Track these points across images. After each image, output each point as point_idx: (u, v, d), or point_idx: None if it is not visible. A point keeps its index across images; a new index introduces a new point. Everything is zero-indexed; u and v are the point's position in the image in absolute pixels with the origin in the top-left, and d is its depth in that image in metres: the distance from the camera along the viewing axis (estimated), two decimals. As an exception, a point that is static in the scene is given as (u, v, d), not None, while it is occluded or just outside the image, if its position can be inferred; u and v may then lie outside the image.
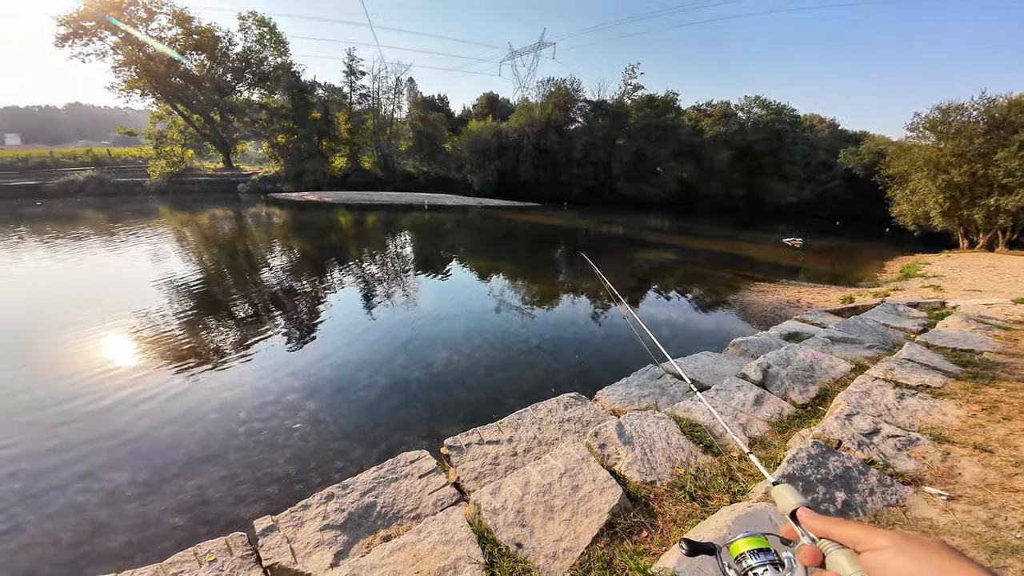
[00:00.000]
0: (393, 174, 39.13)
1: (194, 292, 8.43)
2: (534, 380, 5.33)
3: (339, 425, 4.30)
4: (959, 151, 19.38)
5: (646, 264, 14.16)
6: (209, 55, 31.42)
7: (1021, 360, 3.87)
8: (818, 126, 51.50)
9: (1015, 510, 1.90)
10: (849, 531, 0.47)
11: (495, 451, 2.77)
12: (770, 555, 0.66)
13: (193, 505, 3.21)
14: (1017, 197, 17.80)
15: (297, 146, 34.85)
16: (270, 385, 4.99)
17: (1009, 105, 18.76)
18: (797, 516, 0.60)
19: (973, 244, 21.73)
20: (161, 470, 3.58)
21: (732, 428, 2.80)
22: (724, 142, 43.91)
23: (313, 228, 19.00)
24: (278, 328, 6.79)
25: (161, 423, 4.23)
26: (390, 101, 41.75)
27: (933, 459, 2.32)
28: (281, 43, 34.45)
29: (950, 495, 2.04)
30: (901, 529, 0.38)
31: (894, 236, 28.20)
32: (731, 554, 0.68)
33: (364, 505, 2.31)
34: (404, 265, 12.37)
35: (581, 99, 41.99)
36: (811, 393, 3.37)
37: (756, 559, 0.66)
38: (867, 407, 2.85)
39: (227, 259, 11.76)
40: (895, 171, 23.65)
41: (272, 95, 35.81)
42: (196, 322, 6.86)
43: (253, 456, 3.78)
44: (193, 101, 31.67)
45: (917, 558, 0.38)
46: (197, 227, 17.52)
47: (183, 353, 5.71)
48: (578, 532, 1.89)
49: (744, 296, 10.05)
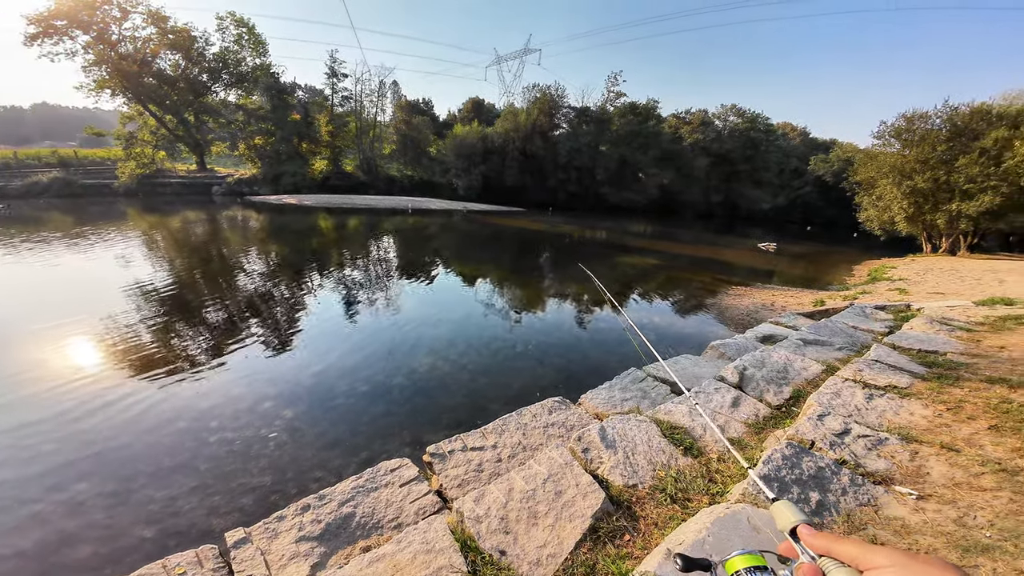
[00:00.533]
0: (376, 177, 38.73)
1: (165, 298, 8.13)
2: (520, 385, 5.31)
3: (317, 434, 4.18)
4: (923, 158, 20.36)
5: (630, 269, 14.37)
6: (184, 55, 30.62)
7: (983, 361, 4.07)
8: (790, 134, 53.46)
9: (983, 509, 1.95)
10: (850, 549, 0.47)
11: (479, 458, 2.76)
12: (766, 574, 0.64)
13: (162, 516, 3.09)
14: (977, 202, 18.77)
15: (275, 148, 34.19)
16: (244, 393, 4.83)
17: (971, 113, 19.82)
18: (797, 533, 0.59)
19: (936, 248, 22.84)
20: (128, 481, 3.44)
21: (710, 430, 2.86)
22: (702, 149, 45.19)
23: (292, 232, 18.60)
24: (254, 335, 6.61)
25: (128, 433, 4.05)
26: (373, 104, 41.50)
27: (902, 458, 2.40)
28: (260, 44, 33.91)
29: (920, 494, 2.09)
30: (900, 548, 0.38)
31: (862, 241, 29.42)
32: (726, 572, 0.67)
33: (342, 515, 2.26)
34: (387, 270, 12.22)
35: (565, 105, 42.64)
36: (785, 394, 3.47)
37: None
38: (838, 408, 2.96)
39: (200, 263, 11.38)
40: (862, 178, 24.71)
41: (250, 96, 35.15)
42: (166, 329, 6.61)
43: (226, 466, 3.64)
44: (166, 101, 30.78)
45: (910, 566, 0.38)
46: (168, 230, 16.93)
47: (151, 361, 5.49)
48: (562, 538, 1.90)
49: (722, 300, 10.30)
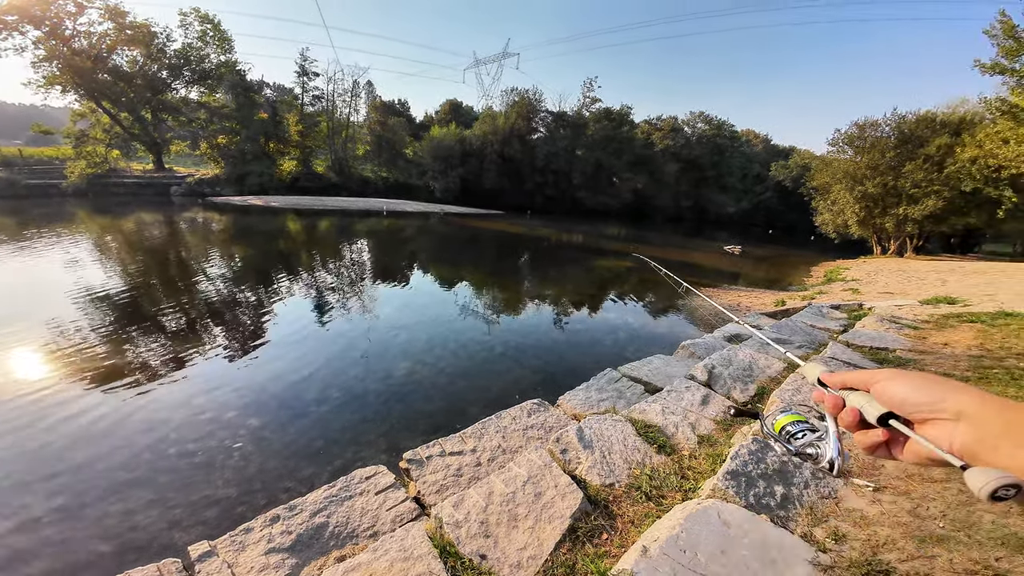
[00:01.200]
0: (349, 179, 37.89)
1: (117, 305, 7.66)
2: (499, 388, 5.31)
3: (286, 443, 4.04)
4: (873, 164, 21.72)
5: (605, 272, 14.65)
6: (144, 51, 29.11)
7: (929, 357, 4.38)
8: (753, 141, 55.96)
9: (935, 500, 2.07)
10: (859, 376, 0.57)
11: (458, 462, 2.74)
12: (806, 424, 0.79)
13: (120, 531, 2.94)
14: (922, 206, 20.15)
15: (240, 147, 32.90)
16: (206, 403, 4.61)
17: (916, 121, 21.28)
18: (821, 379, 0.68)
19: (885, 250, 24.42)
20: (80, 495, 3.25)
21: (682, 427, 2.96)
22: (673, 155, 46.68)
23: (258, 234, 17.92)
24: (215, 343, 6.32)
25: (79, 447, 3.80)
26: (346, 104, 40.66)
27: (858, 452, 2.54)
28: (226, 40, 32.69)
29: (876, 486, 2.20)
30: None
31: (818, 243, 31.07)
32: (774, 428, 0.83)
33: (315, 526, 2.20)
34: (361, 273, 11.96)
35: (543, 109, 43.18)
36: (751, 392, 3.63)
37: (795, 427, 0.79)
38: (798, 403, 3.12)
39: (157, 267, 10.79)
40: (818, 183, 26.16)
41: (213, 94, 33.72)
42: (119, 338, 6.22)
43: (187, 478, 3.48)
44: (122, 99, 29.17)
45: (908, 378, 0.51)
46: (122, 233, 15.97)
47: (103, 372, 5.16)
48: (542, 539, 1.91)
49: (691, 300, 10.64)
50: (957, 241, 25.89)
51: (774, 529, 1.85)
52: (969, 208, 20.24)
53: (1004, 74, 12.28)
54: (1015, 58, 11.78)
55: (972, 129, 18.90)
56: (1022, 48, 11.45)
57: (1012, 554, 1.68)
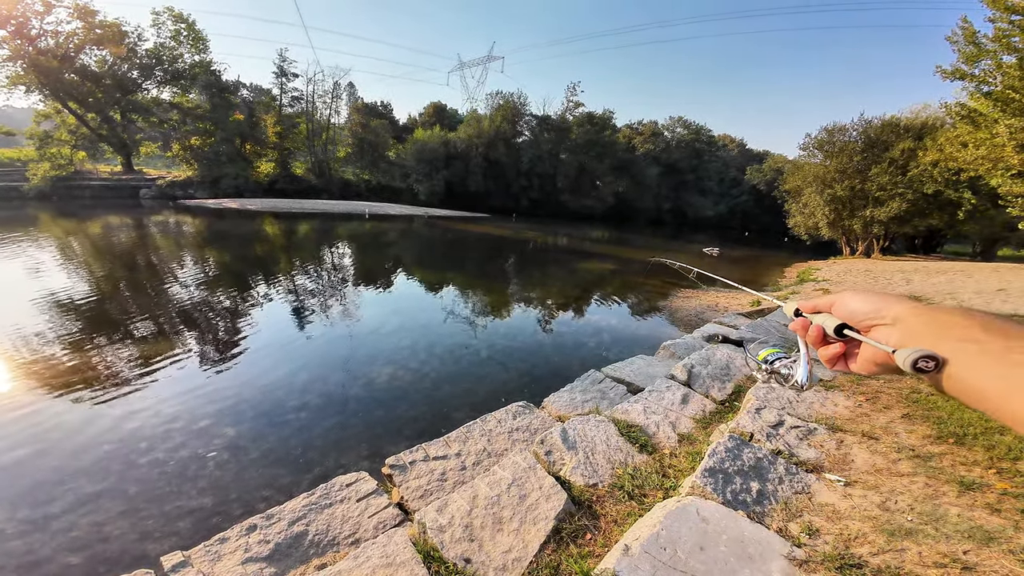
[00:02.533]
0: (329, 181, 37.29)
1: (83, 311, 7.34)
2: (485, 391, 5.29)
3: (264, 451, 3.94)
4: (841, 168, 22.53)
5: (588, 274, 14.78)
6: (113, 51, 28.11)
7: (893, 353, 4.57)
8: (729, 145, 57.56)
9: (902, 493, 2.14)
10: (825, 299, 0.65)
11: (442, 467, 2.72)
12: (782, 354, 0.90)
13: (90, 543, 2.84)
14: (887, 208, 20.97)
15: (215, 149, 32.07)
16: (178, 412, 4.46)
17: (882, 126, 22.14)
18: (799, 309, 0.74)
19: (854, 251, 25.39)
20: (45, 506, 3.13)
21: (663, 426, 3.01)
22: (654, 159, 47.62)
23: (234, 238, 17.43)
24: (189, 349, 6.11)
25: (43, 457, 3.65)
26: (327, 105, 40.05)
27: (829, 447, 2.62)
28: (200, 40, 31.93)
29: (847, 481, 2.27)
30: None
31: (791, 245, 32.13)
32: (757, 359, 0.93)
33: (294, 535, 2.15)
34: (342, 277, 11.76)
35: (528, 113, 43.54)
36: (728, 390, 3.73)
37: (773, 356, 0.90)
38: (772, 401, 3.21)
39: (126, 273, 10.37)
40: (790, 186, 27.04)
41: (186, 94, 32.78)
42: (85, 345, 5.96)
43: (159, 489, 3.37)
44: (89, 99, 28.10)
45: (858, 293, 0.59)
46: (87, 237, 15.31)
47: (66, 379, 4.94)
48: (526, 541, 1.92)
49: (672, 302, 10.85)
50: (920, 242, 27.12)
51: (751, 525, 1.91)
52: (931, 210, 21.20)
53: (964, 79, 12.81)
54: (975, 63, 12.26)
55: (934, 133, 19.82)
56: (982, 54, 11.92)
57: (979, 547, 1.73)
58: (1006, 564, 1.64)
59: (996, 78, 11.93)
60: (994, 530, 1.82)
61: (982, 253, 25.71)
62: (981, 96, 12.49)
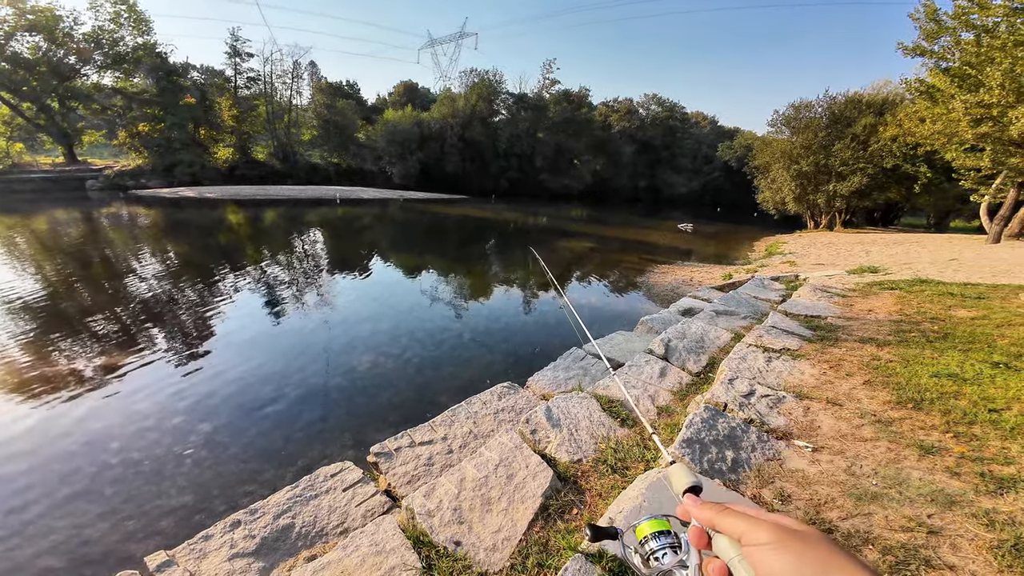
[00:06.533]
0: (295, 166, 35.74)
1: (35, 310, 6.88)
2: (469, 375, 5.30)
3: (243, 446, 3.86)
4: (807, 143, 23.19)
5: (568, 253, 14.87)
6: (47, 36, 25.71)
7: (856, 323, 4.82)
8: (702, 123, 58.16)
9: (867, 458, 2.23)
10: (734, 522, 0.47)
11: (428, 451, 2.73)
12: (670, 537, 0.67)
13: (71, 547, 2.79)
14: (849, 183, 21.83)
15: (165, 135, 30.12)
16: (148, 409, 4.31)
17: (845, 102, 22.78)
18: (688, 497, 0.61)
19: (818, 224, 26.44)
20: (18, 511, 3.04)
21: (643, 400, 3.10)
22: (629, 136, 47.73)
23: (193, 228, 16.56)
24: (154, 345, 5.84)
25: (6, 461, 3.52)
26: (286, 86, 37.99)
27: (797, 414, 2.74)
28: (143, 21, 29.63)
29: (814, 447, 2.36)
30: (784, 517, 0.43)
31: (760, 220, 33.12)
32: (636, 537, 0.69)
33: (279, 528, 2.14)
34: (314, 264, 11.40)
35: (504, 91, 42.61)
36: (703, 362, 3.86)
37: (657, 542, 0.66)
38: (744, 371, 3.35)
39: (78, 269, 9.73)
40: (759, 163, 27.71)
41: (130, 79, 30.45)
42: (41, 345, 5.62)
43: (136, 489, 3.31)
44: (23, 88, 25.79)
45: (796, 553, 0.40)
46: (31, 233, 14.21)
47: (26, 382, 4.67)
48: (515, 520, 1.96)
49: (649, 278, 11.08)
50: (879, 215, 28.46)
51: (727, 493, 2.00)
52: (890, 184, 22.22)
53: (924, 56, 13.24)
54: (935, 40, 12.65)
55: (894, 109, 20.58)
56: (942, 30, 12.30)
57: (942, 510, 1.81)
58: (970, 528, 1.70)
59: (954, 55, 12.39)
60: (955, 493, 1.91)
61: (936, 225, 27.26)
62: (939, 72, 12.97)
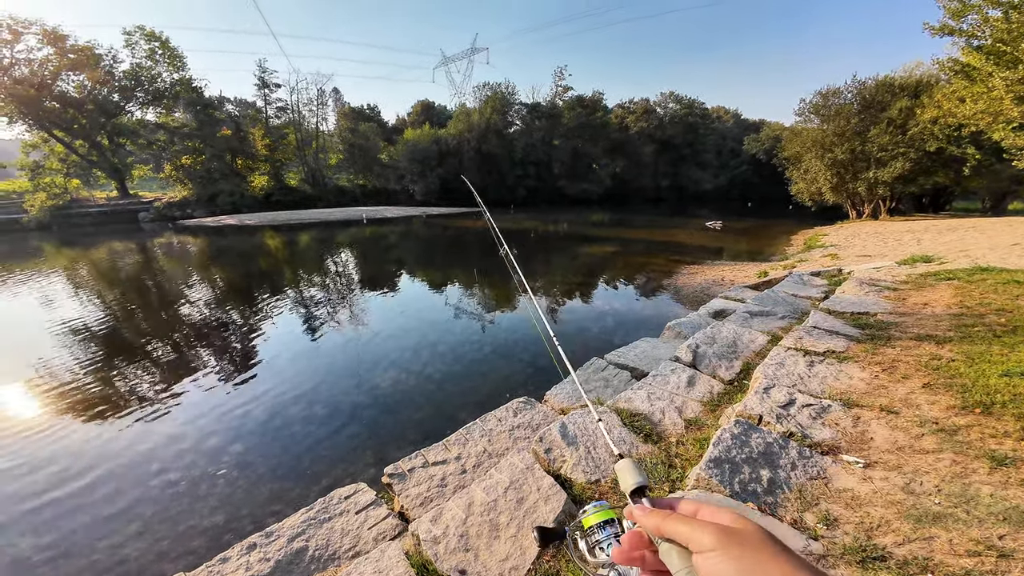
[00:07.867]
0: (324, 189, 37.29)
1: (98, 336, 7.40)
2: (488, 389, 5.24)
3: (272, 466, 3.95)
4: (839, 131, 21.99)
5: (589, 258, 14.63)
6: (90, 75, 28.04)
7: (910, 318, 4.35)
8: (724, 117, 56.48)
9: (928, 473, 1.95)
10: (680, 529, 0.44)
11: (442, 472, 2.65)
12: (615, 527, 0.64)
13: (109, 565, 2.95)
14: (890, 169, 20.48)
15: (206, 167, 32.13)
16: (186, 431, 4.52)
17: (876, 86, 21.55)
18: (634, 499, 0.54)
19: (860, 214, 24.85)
20: (68, 533, 3.24)
21: (668, 412, 2.91)
22: (648, 136, 46.91)
23: (236, 254, 17.49)
24: (196, 367, 6.12)
25: (60, 483, 3.76)
26: (313, 113, 39.91)
27: (846, 425, 2.42)
28: (177, 57, 31.82)
29: (866, 462, 2.08)
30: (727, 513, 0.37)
31: (796, 212, 31.55)
32: (583, 525, 0.67)
33: (293, 551, 2.11)
34: (345, 284, 11.73)
35: (517, 102, 43.10)
36: (735, 368, 3.60)
37: (603, 532, 0.64)
38: (782, 378, 3.08)
39: (135, 297, 10.43)
40: (789, 153, 26.45)
41: (171, 113, 32.80)
42: (99, 370, 6.02)
43: (172, 509, 3.46)
44: (74, 126, 28.17)
45: (735, 559, 0.39)
46: (92, 264, 15.42)
47: (83, 406, 5.02)
48: (524, 547, 1.84)
49: (676, 280, 10.67)
50: (928, 200, 26.44)
51: (762, 518, 1.79)
52: (936, 167, 20.65)
53: (952, 35, 12.57)
54: (961, 18, 12.03)
55: (930, 90, 19.27)
56: (967, 8, 11.69)
57: (1016, 530, 1.56)
58: (1048, 549, 1.45)
59: (984, 32, 11.67)
60: (1031, 510, 1.63)
61: (992, 208, 25.06)
62: (972, 51, 12.24)
